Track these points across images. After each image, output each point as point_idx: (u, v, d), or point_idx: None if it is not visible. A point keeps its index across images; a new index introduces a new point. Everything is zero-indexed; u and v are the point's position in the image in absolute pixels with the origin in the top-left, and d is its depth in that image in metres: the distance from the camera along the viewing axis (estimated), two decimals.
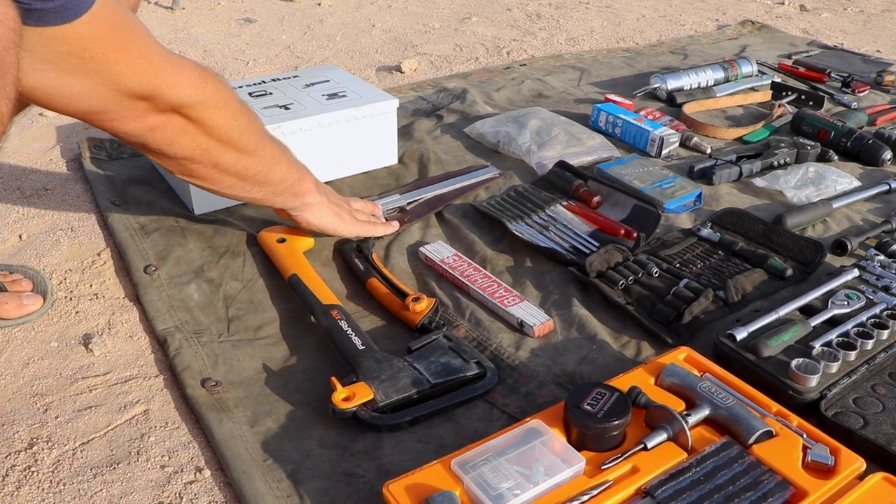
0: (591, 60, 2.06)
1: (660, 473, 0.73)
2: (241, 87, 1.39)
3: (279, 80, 1.43)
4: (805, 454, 0.75)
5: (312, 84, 1.41)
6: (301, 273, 1.03)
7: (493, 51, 2.17)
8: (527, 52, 2.16)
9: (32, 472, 0.78)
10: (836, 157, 1.47)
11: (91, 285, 1.08)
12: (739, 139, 1.57)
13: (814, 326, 0.95)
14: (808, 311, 0.98)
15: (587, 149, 1.45)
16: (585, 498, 0.70)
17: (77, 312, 1.02)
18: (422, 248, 1.13)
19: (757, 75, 1.86)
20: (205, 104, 0.85)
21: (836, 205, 1.28)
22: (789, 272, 1.08)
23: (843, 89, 1.82)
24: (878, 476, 0.73)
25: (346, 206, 1.13)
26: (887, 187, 1.35)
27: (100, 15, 0.69)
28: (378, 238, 1.17)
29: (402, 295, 1.00)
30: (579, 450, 0.74)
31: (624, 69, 1.99)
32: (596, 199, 1.26)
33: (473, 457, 0.72)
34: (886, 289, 1.03)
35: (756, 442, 0.76)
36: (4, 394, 0.88)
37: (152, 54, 0.78)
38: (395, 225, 1.18)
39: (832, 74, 1.88)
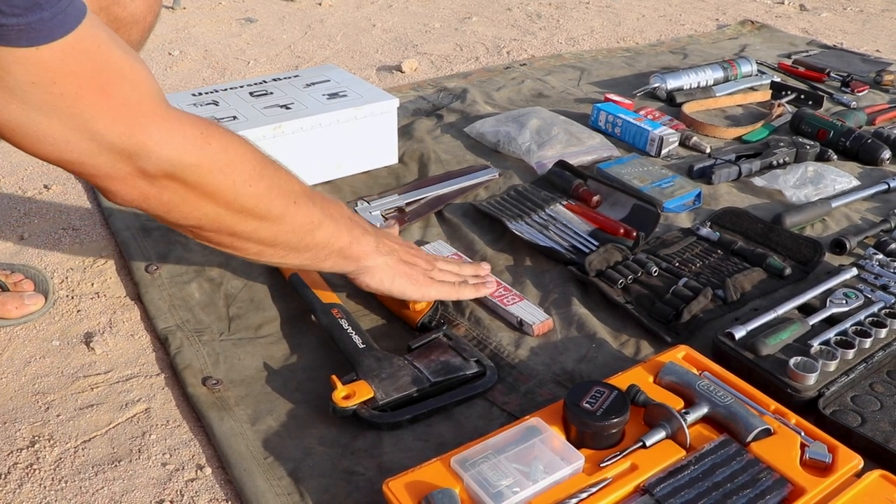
0: (590, 60, 2.06)
1: (658, 471, 0.73)
2: (241, 86, 1.39)
3: (280, 79, 1.43)
4: (803, 452, 0.75)
5: (313, 84, 1.41)
6: (301, 272, 1.04)
7: (494, 50, 2.17)
8: (527, 52, 2.16)
9: (34, 469, 0.79)
10: (835, 157, 1.47)
11: (92, 284, 1.08)
12: (739, 139, 1.57)
13: (812, 325, 0.95)
14: (807, 309, 0.99)
15: (587, 148, 1.45)
16: (584, 495, 0.70)
17: (78, 311, 1.03)
18: (422, 248, 1.14)
19: (756, 75, 1.86)
20: (204, 168, 0.72)
21: (834, 204, 1.28)
22: (788, 271, 1.09)
23: (843, 89, 1.82)
24: (876, 473, 0.73)
25: (421, 265, 0.97)
26: (886, 186, 1.35)
27: (79, 46, 0.60)
28: None
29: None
30: (578, 448, 0.74)
31: (624, 69, 1.99)
32: (595, 198, 1.27)
33: (473, 454, 0.73)
34: (885, 287, 1.03)
35: (754, 440, 0.76)
36: (6, 392, 0.89)
37: (142, 104, 0.66)
38: (491, 287, 1.02)
39: (831, 74, 1.88)
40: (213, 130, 0.73)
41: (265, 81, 1.42)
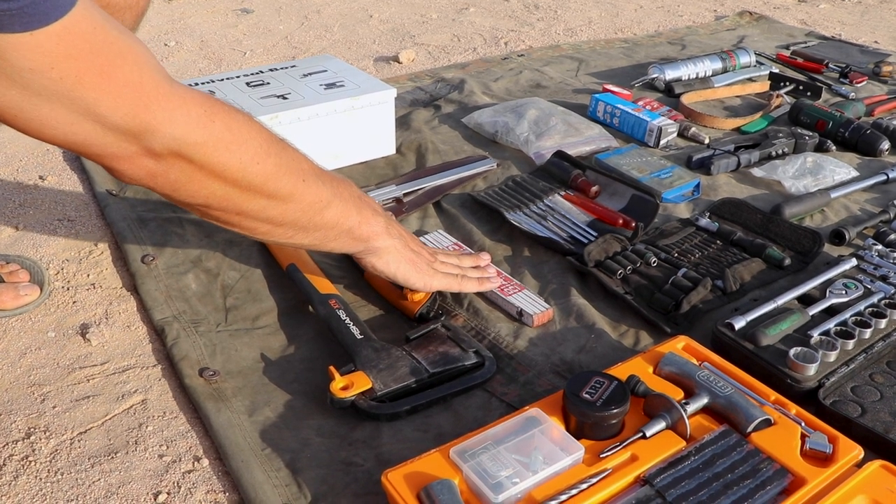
0: (589, 51, 2.05)
1: (659, 462, 0.73)
2: (238, 76, 1.38)
3: (276, 69, 1.42)
4: (803, 442, 0.75)
5: (310, 74, 1.41)
6: (299, 262, 1.03)
7: (491, 41, 2.16)
8: (525, 43, 2.15)
9: (30, 461, 0.78)
10: (834, 148, 1.46)
11: (88, 275, 1.08)
12: (737, 129, 1.57)
13: (812, 315, 0.95)
14: (807, 300, 0.98)
15: (585, 139, 1.44)
16: (584, 486, 0.70)
17: (74, 302, 1.02)
18: (420, 238, 1.13)
19: (755, 66, 1.86)
20: (210, 145, 0.71)
21: (833, 195, 1.28)
22: (787, 262, 1.08)
23: (841, 80, 1.82)
24: (876, 464, 0.73)
25: (425, 256, 0.96)
26: (885, 177, 1.35)
27: (76, 29, 0.59)
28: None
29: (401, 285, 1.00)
30: (578, 438, 0.74)
31: (622, 60, 1.98)
32: (594, 188, 1.26)
33: (472, 445, 0.72)
34: (884, 278, 1.03)
35: (754, 430, 0.76)
36: (2, 384, 0.88)
37: (144, 83, 0.65)
38: (495, 283, 1.01)
39: (830, 65, 1.88)
40: (217, 108, 0.72)
41: (262, 72, 1.41)
